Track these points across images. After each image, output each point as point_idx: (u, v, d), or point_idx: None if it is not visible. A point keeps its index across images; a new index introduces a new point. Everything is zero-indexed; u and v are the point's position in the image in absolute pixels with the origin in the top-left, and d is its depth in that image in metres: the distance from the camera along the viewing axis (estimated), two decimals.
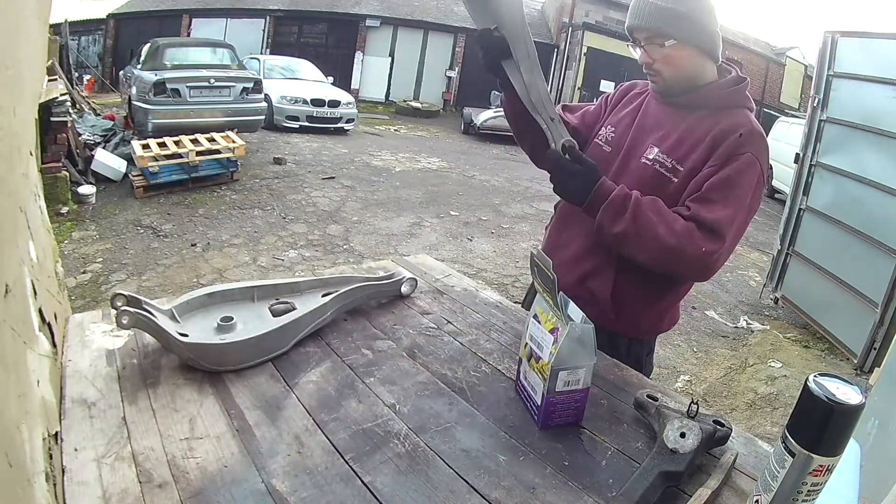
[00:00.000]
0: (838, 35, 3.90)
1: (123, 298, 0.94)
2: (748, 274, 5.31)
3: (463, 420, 0.85)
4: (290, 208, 5.34)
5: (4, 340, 0.58)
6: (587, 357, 0.82)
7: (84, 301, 3.31)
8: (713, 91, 1.17)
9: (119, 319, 0.88)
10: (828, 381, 0.59)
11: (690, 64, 1.15)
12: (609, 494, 0.71)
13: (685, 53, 1.13)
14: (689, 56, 1.14)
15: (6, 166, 0.71)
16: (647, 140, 1.20)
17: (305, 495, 0.68)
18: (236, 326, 1.01)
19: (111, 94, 11.42)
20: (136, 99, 6.44)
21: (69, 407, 0.80)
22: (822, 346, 3.83)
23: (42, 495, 0.59)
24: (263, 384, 0.90)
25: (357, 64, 15.07)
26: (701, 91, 1.17)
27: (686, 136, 1.15)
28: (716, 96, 1.17)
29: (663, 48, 1.12)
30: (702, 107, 1.17)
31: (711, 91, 1.17)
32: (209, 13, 14.69)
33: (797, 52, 16.91)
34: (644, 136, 1.22)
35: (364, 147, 8.59)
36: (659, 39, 1.12)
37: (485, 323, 1.19)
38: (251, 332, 0.97)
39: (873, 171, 3.50)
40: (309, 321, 1.03)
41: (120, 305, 0.92)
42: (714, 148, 1.11)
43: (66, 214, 4.61)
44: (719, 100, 1.16)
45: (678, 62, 1.14)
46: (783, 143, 9.15)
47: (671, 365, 3.39)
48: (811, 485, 0.61)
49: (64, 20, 9.12)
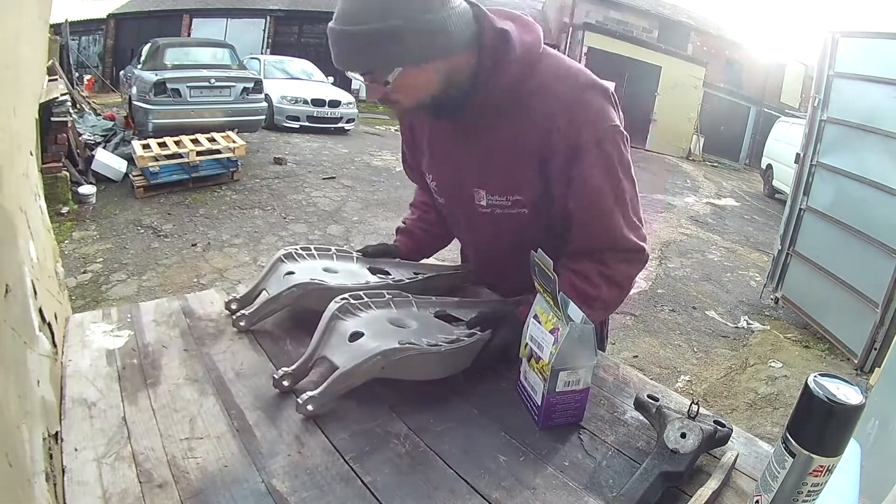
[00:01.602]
0: (839, 35, 3.90)
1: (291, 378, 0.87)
2: (748, 274, 5.31)
3: (463, 420, 0.85)
4: (290, 208, 5.34)
5: (5, 340, 0.58)
6: (587, 357, 0.81)
7: (84, 301, 3.31)
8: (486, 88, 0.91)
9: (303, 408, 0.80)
10: (828, 381, 0.59)
11: (432, 79, 0.88)
12: (609, 495, 0.71)
13: (420, 74, 0.87)
14: (428, 72, 0.87)
15: (7, 166, 0.71)
16: (468, 184, 1.03)
17: (306, 495, 0.68)
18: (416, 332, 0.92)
19: (111, 94, 11.42)
20: (137, 99, 6.45)
21: (69, 407, 0.80)
22: (822, 346, 3.83)
23: (42, 495, 0.59)
24: (264, 384, 0.90)
25: None
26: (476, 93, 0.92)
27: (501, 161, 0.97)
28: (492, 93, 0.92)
29: (389, 84, 0.86)
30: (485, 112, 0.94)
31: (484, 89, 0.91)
32: (209, 13, 14.69)
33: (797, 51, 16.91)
34: (462, 180, 1.04)
35: (364, 147, 8.59)
36: (380, 74, 0.85)
37: None
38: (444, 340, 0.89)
39: (874, 171, 3.50)
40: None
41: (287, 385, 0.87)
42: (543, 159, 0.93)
43: (66, 214, 4.61)
44: (500, 92, 0.92)
45: (416, 87, 0.88)
46: (783, 143, 9.16)
47: (671, 365, 3.39)
48: (811, 485, 0.61)
49: (64, 20, 9.12)
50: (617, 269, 0.99)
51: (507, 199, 1.00)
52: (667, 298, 4.39)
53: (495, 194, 1.00)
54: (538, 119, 0.92)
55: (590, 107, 0.92)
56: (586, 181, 0.93)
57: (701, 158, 14.30)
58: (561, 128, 0.91)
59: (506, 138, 0.96)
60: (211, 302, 1.16)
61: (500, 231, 1.05)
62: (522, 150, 0.95)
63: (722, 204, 8.88)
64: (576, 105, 0.91)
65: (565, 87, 0.92)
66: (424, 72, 0.87)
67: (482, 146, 0.99)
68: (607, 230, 0.96)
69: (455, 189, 1.07)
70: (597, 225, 0.97)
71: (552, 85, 0.92)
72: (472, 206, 1.04)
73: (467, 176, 1.03)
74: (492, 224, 1.04)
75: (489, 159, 0.99)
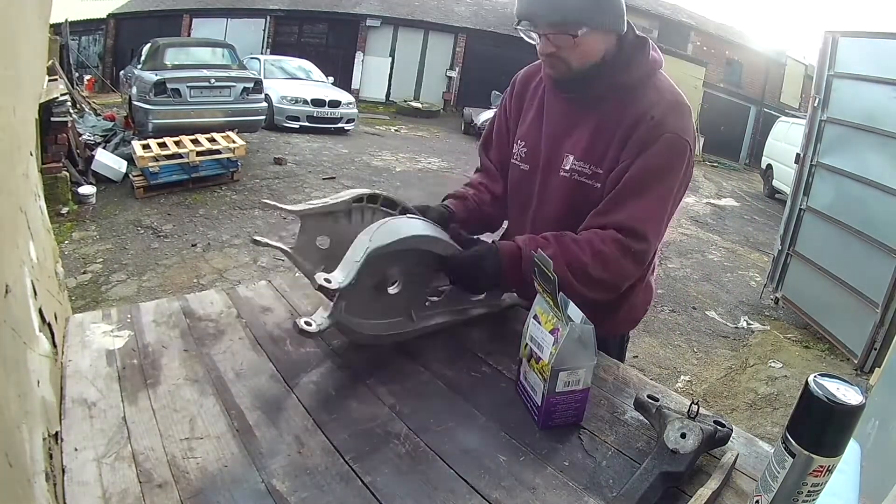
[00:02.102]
0: (839, 35, 3.90)
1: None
2: (748, 274, 5.31)
3: (463, 420, 0.85)
4: None
5: (5, 340, 0.58)
6: (587, 357, 0.82)
7: (84, 301, 3.31)
8: (616, 74, 1.05)
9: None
10: (828, 381, 0.59)
11: (602, 48, 1.03)
12: (610, 495, 0.71)
13: (597, 38, 1.01)
14: (601, 40, 1.02)
15: (6, 166, 0.71)
16: (560, 149, 1.12)
17: (306, 495, 0.68)
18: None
19: (111, 94, 11.41)
20: (137, 99, 6.44)
21: (69, 407, 0.80)
22: (822, 346, 3.82)
23: (42, 495, 0.59)
24: (264, 384, 0.90)
25: (357, 64, 15.06)
26: (603, 77, 1.05)
27: (598, 134, 1.07)
28: (621, 79, 1.05)
29: (575, 38, 0.98)
30: (606, 92, 1.06)
31: (615, 74, 1.05)
32: (210, 13, 14.69)
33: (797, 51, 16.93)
34: (556, 144, 1.13)
35: (364, 147, 8.59)
36: (570, 29, 0.97)
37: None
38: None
39: (874, 171, 3.50)
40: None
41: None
42: (626, 139, 1.02)
43: (66, 215, 4.61)
44: (625, 81, 1.05)
45: (589, 49, 1.01)
46: (783, 143, 9.16)
47: (671, 365, 3.39)
48: (811, 485, 0.61)
49: (64, 20, 9.11)
50: (610, 249, 1.00)
51: (590, 168, 1.08)
52: (667, 298, 4.39)
53: (581, 160, 1.09)
54: (640, 108, 1.03)
55: (681, 118, 1.04)
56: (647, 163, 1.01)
57: (701, 158, 14.28)
58: (655, 117, 1.01)
59: (612, 117, 1.06)
60: (211, 302, 1.16)
61: (568, 198, 1.11)
62: (618, 130, 1.04)
63: (722, 204, 8.88)
64: (672, 111, 1.03)
65: (670, 97, 1.05)
66: (600, 39, 1.01)
67: (590, 118, 1.09)
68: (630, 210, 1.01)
69: (546, 151, 1.15)
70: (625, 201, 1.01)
71: (662, 91, 1.06)
72: (556, 170, 1.12)
73: (564, 141, 1.12)
74: (565, 189, 1.11)
75: (590, 130, 1.08)
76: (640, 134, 1.01)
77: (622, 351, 1.31)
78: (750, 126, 16.41)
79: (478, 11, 15.82)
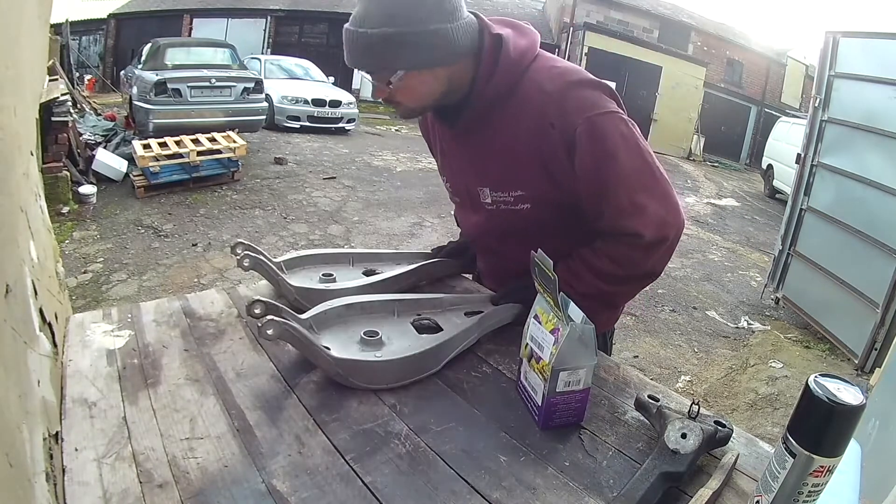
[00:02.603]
0: (839, 35, 3.90)
1: (263, 306, 0.91)
2: (749, 274, 5.31)
3: (464, 420, 0.85)
4: (291, 208, 5.34)
5: (5, 340, 0.58)
6: (588, 357, 0.81)
7: (85, 301, 3.31)
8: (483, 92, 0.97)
9: (263, 330, 0.82)
10: (828, 381, 0.59)
11: (433, 84, 0.95)
12: (610, 495, 0.71)
13: (422, 78, 0.94)
14: (428, 78, 0.94)
15: (7, 166, 0.71)
16: (472, 183, 1.09)
17: (306, 496, 0.68)
18: (382, 342, 0.96)
19: (112, 94, 11.42)
20: (137, 99, 6.45)
21: (69, 407, 0.80)
22: (822, 346, 3.82)
23: (42, 495, 0.59)
24: (264, 384, 0.90)
25: None
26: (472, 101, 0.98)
27: (502, 159, 1.01)
28: (489, 95, 0.97)
29: (391, 85, 0.93)
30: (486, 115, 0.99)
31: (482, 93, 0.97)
32: (210, 13, 14.70)
33: (798, 51, 16.92)
34: (466, 179, 1.10)
35: (365, 147, 8.59)
36: (384, 77, 0.93)
37: None
38: (402, 349, 0.93)
39: (874, 171, 3.50)
40: (459, 342, 0.99)
41: (259, 313, 0.90)
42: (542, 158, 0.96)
43: (66, 214, 4.61)
44: (495, 94, 0.97)
45: (417, 89, 0.95)
46: (784, 144, 9.16)
47: (672, 365, 3.39)
48: (812, 485, 0.61)
49: (65, 20, 9.13)
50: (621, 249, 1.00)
51: (510, 195, 1.03)
52: (667, 298, 4.39)
53: (498, 191, 1.05)
54: (532, 118, 0.95)
55: (580, 99, 0.94)
56: (584, 167, 0.95)
57: (701, 158, 14.29)
58: (555, 123, 0.94)
59: (502, 139, 1.00)
60: (211, 302, 1.16)
61: (505, 226, 1.08)
62: (520, 149, 0.98)
63: (722, 204, 8.88)
64: (565, 99, 0.93)
65: (555, 85, 0.95)
66: (425, 77, 0.94)
67: (482, 147, 1.03)
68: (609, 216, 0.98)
69: (463, 188, 1.14)
70: (599, 211, 0.99)
71: (543, 84, 0.95)
72: (480, 204, 1.10)
73: (471, 175, 1.09)
74: (497, 219, 1.08)
75: (489, 159, 1.04)
76: (555, 146, 0.94)
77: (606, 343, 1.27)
78: (750, 126, 16.42)
79: (478, 12, 15.79)
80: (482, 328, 1.06)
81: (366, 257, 1.33)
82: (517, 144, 0.98)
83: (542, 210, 1.03)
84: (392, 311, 1.07)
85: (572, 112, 0.93)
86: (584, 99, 0.94)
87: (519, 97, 0.97)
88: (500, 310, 1.10)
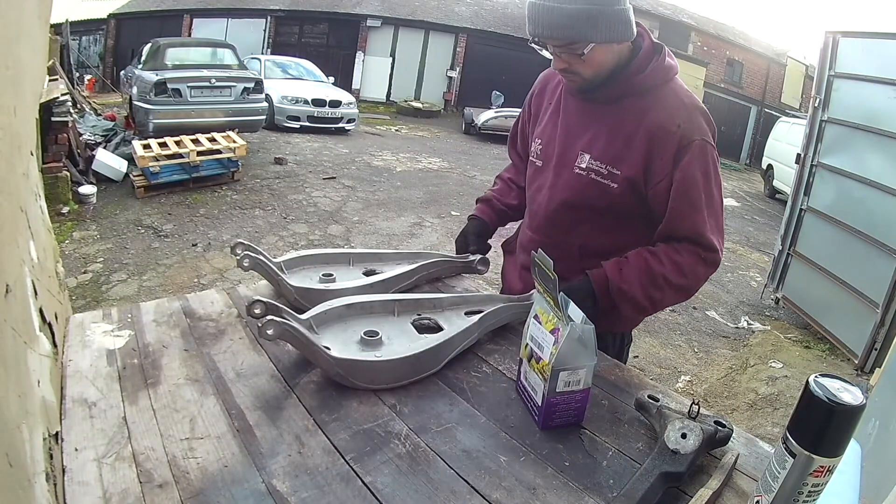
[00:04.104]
0: (839, 35, 3.89)
1: (263, 306, 0.91)
2: (749, 274, 5.31)
3: (464, 420, 0.85)
4: (290, 208, 5.34)
5: (5, 340, 0.58)
6: (588, 357, 0.81)
7: (85, 301, 3.31)
8: (633, 77, 1.10)
9: (263, 330, 0.83)
10: (828, 381, 0.59)
11: (611, 59, 1.08)
12: (610, 495, 0.71)
13: (606, 50, 1.06)
14: (609, 52, 1.07)
15: (7, 166, 0.71)
16: (575, 146, 1.16)
17: (306, 496, 0.68)
18: (382, 342, 0.97)
19: (112, 94, 11.42)
20: (137, 99, 6.44)
21: (69, 407, 0.80)
22: (822, 346, 3.82)
23: (42, 495, 0.59)
24: (264, 384, 0.90)
25: (358, 64, 15.07)
26: (620, 81, 1.10)
27: (616, 134, 1.11)
28: (638, 82, 1.10)
29: (584, 56, 1.04)
30: (623, 94, 1.11)
31: (631, 78, 1.10)
32: (210, 13, 14.70)
33: (798, 52, 16.92)
34: (572, 142, 1.17)
35: (365, 147, 8.59)
36: (576, 47, 1.03)
37: None
38: (402, 349, 0.94)
39: (874, 171, 3.49)
40: (459, 341, 1.00)
41: (259, 313, 0.90)
42: (653, 148, 1.07)
43: (66, 214, 4.61)
44: (642, 84, 1.10)
45: (599, 62, 1.07)
46: (784, 144, 9.16)
47: (672, 365, 3.39)
48: (812, 485, 0.61)
49: (65, 20, 9.12)
50: (686, 258, 1.08)
51: (606, 168, 1.11)
52: None
53: (598, 159, 1.12)
54: (664, 115, 1.08)
55: (704, 122, 1.09)
56: (687, 174, 1.06)
57: None
58: (681, 125, 1.06)
59: (630, 119, 1.10)
60: (211, 302, 1.16)
61: (578, 194, 1.15)
62: (640, 135, 1.08)
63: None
64: (695, 115, 1.09)
65: (689, 101, 1.10)
66: (607, 51, 1.06)
67: (606, 118, 1.13)
68: (693, 223, 1.08)
69: (560, 148, 1.19)
70: (685, 215, 1.08)
71: (682, 97, 1.11)
72: (569, 166, 1.16)
73: (580, 140, 1.16)
74: (578, 185, 1.15)
75: (607, 130, 1.12)
76: (670, 144, 1.06)
77: (622, 351, 1.30)
78: (750, 126, 16.41)
79: (478, 12, 15.82)
80: (482, 328, 1.06)
81: (366, 257, 1.33)
82: (639, 129, 1.08)
83: (624, 195, 1.11)
84: (392, 310, 1.07)
85: (696, 129, 1.07)
86: (705, 125, 1.09)
87: (657, 96, 1.10)
88: (500, 310, 1.10)
